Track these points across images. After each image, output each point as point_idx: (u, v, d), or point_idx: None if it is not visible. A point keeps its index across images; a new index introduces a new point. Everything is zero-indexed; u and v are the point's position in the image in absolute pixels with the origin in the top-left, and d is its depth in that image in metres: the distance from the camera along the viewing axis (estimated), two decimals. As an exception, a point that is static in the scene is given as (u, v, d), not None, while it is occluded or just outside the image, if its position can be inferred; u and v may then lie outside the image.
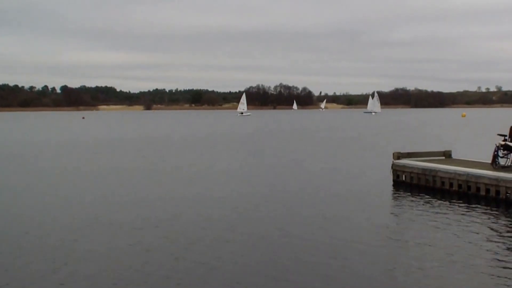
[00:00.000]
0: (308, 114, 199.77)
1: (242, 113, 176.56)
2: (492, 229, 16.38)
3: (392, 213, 19.34)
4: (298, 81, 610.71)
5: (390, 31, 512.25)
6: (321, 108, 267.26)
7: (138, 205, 20.81)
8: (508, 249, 14.23)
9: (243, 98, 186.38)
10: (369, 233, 16.05)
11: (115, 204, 21.07)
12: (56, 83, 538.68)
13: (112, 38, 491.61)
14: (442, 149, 28.72)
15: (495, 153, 22.68)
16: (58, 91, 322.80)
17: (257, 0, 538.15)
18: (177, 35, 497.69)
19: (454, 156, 27.71)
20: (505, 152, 22.58)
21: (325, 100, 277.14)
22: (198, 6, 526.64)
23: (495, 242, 14.89)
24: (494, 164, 22.57)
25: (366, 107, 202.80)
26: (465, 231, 16.11)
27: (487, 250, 14.08)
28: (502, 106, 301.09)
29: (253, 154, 41.91)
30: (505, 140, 22.84)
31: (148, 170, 31.92)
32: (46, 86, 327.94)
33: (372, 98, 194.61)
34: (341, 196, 22.33)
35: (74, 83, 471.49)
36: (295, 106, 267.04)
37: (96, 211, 19.65)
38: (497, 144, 22.77)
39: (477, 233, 15.78)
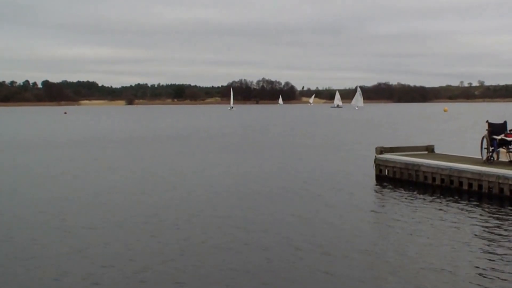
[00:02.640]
0: (297, 109, 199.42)
1: (232, 107, 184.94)
2: (474, 222, 16.40)
3: (374, 208, 19.31)
4: (280, 76, 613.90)
5: (374, 26, 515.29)
6: (309, 103, 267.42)
7: (109, 206, 20.64)
8: (489, 241, 14.24)
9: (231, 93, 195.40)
10: (352, 228, 15.99)
11: (94, 205, 20.90)
12: (37, 77, 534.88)
13: (94, 33, 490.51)
14: (425, 144, 28.78)
15: (491, 148, 22.70)
16: (40, 86, 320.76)
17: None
18: (159, 30, 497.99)
19: (436, 150, 27.76)
20: (493, 147, 22.66)
21: (313, 95, 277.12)
22: (181, 1, 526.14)
23: (477, 235, 14.91)
24: (488, 160, 22.62)
25: (350, 102, 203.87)
26: (447, 225, 16.11)
27: (469, 243, 14.07)
28: (484, 101, 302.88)
29: (240, 151, 41.79)
30: (490, 132, 22.89)
31: (130, 169, 31.75)
32: (27, 81, 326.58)
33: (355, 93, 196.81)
34: (324, 191, 22.27)
35: (55, 78, 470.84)
36: (280, 101, 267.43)
37: (58, 210, 19.49)
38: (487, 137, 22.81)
39: (460, 227, 15.79)
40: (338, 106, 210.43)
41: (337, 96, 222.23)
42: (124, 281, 11.65)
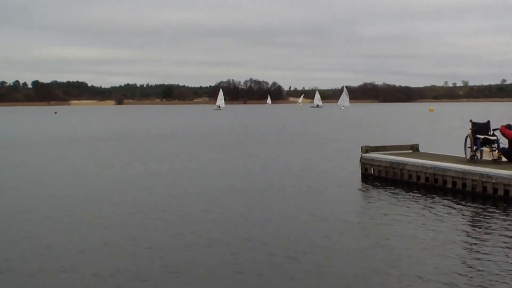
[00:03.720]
0: (286, 109, 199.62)
1: (219, 106, 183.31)
2: (458, 220, 16.42)
3: (360, 206, 19.33)
4: (268, 76, 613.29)
5: (360, 28, 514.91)
6: (298, 102, 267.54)
7: (94, 204, 20.55)
8: (473, 238, 14.25)
9: (221, 93, 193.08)
10: (337, 225, 15.96)
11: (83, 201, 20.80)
12: (27, 78, 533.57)
13: (84, 34, 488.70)
14: (410, 143, 28.82)
15: (475, 147, 22.76)
16: (30, 86, 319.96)
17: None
18: (148, 31, 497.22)
19: (421, 149, 27.82)
20: (476, 146, 22.73)
21: (302, 95, 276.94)
22: (169, 3, 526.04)
23: (461, 232, 14.93)
24: (472, 159, 22.69)
25: (336, 102, 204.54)
26: (431, 222, 16.12)
27: (454, 240, 14.08)
28: (468, 101, 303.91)
29: (228, 150, 41.73)
30: (473, 132, 22.95)
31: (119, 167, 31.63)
32: (17, 81, 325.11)
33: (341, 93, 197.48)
34: (310, 189, 22.24)
35: (45, 78, 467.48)
36: (269, 100, 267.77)
37: (53, 207, 19.39)
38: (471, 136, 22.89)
39: (444, 225, 15.80)
40: (318, 106, 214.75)
41: (317, 96, 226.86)
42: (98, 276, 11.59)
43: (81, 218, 17.38)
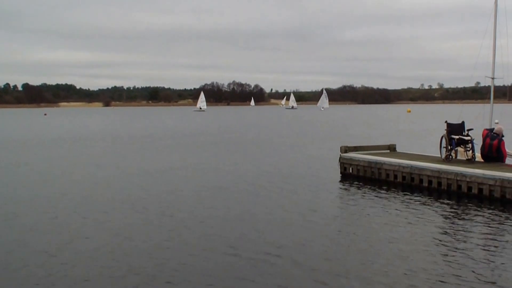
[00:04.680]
0: (269, 110, 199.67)
1: (201, 108, 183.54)
2: (434, 217, 16.46)
3: (338, 204, 19.32)
4: (250, 79, 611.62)
5: (339, 32, 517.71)
6: (281, 104, 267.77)
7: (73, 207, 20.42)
8: (448, 235, 14.30)
9: (202, 95, 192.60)
10: (316, 223, 15.95)
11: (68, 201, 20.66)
12: (18, 81, 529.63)
13: (73, 38, 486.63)
14: (387, 143, 28.91)
15: (450, 147, 22.88)
16: (20, 88, 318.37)
17: (213, 1, 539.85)
18: (135, 35, 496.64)
19: (398, 149, 27.94)
20: (451, 146, 22.84)
21: (285, 97, 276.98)
22: (156, 8, 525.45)
23: (436, 229, 14.97)
24: (447, 158, 22.82)
25: (316, 104, 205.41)
26: (408, 220, 16.15)
27: (430, 237, 14.11)
28: (443, 102, 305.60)
29: (208, 149, 41.65)
30: (448, 132, 23.06)
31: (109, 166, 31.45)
32: (8, 84, 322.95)
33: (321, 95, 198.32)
34: (290, 188, 22.20)
35: (35, 81, 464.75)
36: (252, 102, 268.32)
37: (46, 205, 19.25)
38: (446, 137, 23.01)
39: (420, 222, 15.83)
40: (292, 107, 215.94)
41: (292, 98, 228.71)
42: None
43: (67, 216, 17.28)
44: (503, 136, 22.38)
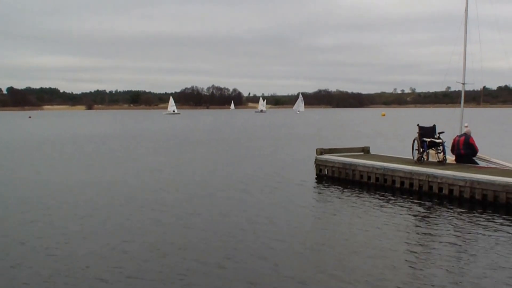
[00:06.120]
0: (248, 114, 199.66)
1: (174, 111, 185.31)
2: (406, 217, 16.48)
3: (313, 204, 19.26)
4: (229, 83, 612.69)
5: (316, 37, 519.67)
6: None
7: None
8: (419, 234, 14.32)
9: (171, 100, 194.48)
10: (291, 224, 15.86)
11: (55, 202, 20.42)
12: (2, 84, 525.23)
13: (57, 43, 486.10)
14: (361, 146, 28.97)
15: (422, 149, 22.97)
16: (5, 92, 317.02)
17: (194, 8, 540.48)
18: (118, 40, 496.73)
19: (372, 151, 28.02)
20: (423, 148, 22.94)
21: (265, 101, 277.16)
22: (138, 14, 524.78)
23: (409, 228, 14.98)
24: (419, 160, 22.91)
25: (292, 107, 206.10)
26: (382, 219, 16.13)
27: (402, 236, 14.11)
28: (416, 106, 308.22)
29: (185, 152, 41.48)
30: (420, 135, 23.17)
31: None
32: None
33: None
34: (267, 190, 22.09)
35: (20, 85, 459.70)
36: (232, 106, 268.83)
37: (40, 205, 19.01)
38: (418, 140, 23.10)
39: (393, 222, 15.82)
40: (262, 111, 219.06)
41: (261, 101, 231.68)
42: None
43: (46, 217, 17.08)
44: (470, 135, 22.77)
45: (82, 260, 12.30)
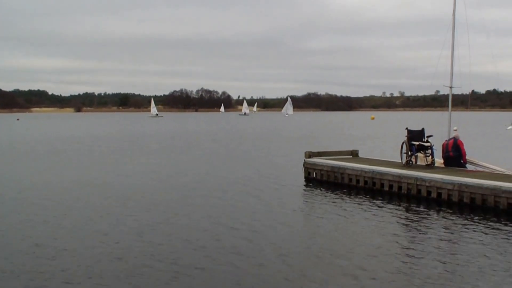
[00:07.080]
0: (237, 116, 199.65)
1: (157, 114, 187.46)
2: (394, 220, 16.51)
3: (302, 207, 19.25)
4: (218, 86, 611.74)
5: (305, 41, 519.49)
6: (253, 111, 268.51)
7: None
8: (407, 237, 14.35)
9: (152, 103, 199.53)
10: (280, 226, 15.83)
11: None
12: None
13: (46, 45, 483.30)
14: (350, 149, 28.98)
15: (410, 152, 23.04)
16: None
17: (184, 11, 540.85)
18: (107, 43, 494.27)
19: (360, 155, 28.05)
20: (411, 152, 23.00)
21: (256, 104, 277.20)
22: (128, 16, 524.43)
23: (397, 231, 15.00)
24: (407, 163, 22.98)
25: (281, 110, 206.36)
26: (370, 222, 16.15)
27: (390, 239, 14.11)
28: (404, 110, 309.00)
29: (171, 155, 41.38)
30: (409, 138, 23.23)
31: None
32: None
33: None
34: (256, 192, 22.05)
35: (8, 87, 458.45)
36: (222, 109, 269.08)
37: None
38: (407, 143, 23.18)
39: (381, 224, 15.84)
40: (245, 114, 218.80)
41: (245, 104, 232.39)
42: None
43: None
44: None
45: (73, 260, 12.23)
